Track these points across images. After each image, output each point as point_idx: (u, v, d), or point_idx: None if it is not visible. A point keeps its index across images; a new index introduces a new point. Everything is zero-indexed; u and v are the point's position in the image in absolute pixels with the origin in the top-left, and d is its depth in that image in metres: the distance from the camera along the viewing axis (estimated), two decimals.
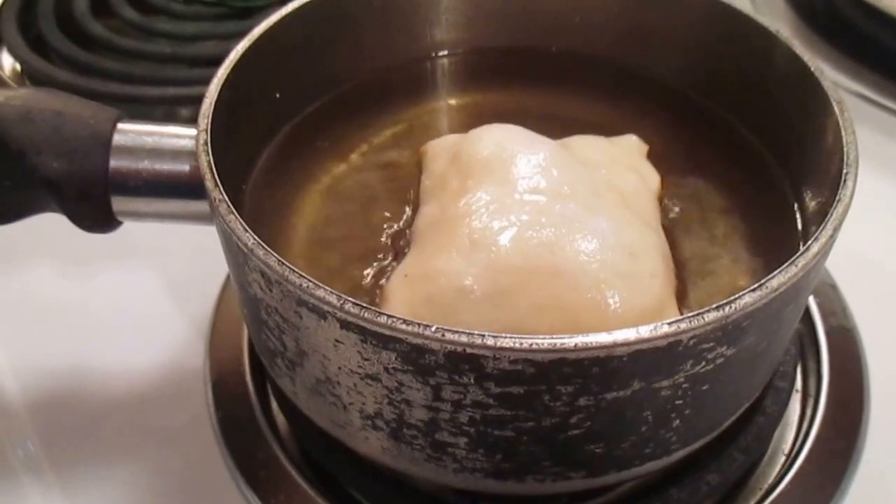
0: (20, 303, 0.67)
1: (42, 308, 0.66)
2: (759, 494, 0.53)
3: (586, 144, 0.55)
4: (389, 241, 0.51)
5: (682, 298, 0.48)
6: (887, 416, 0.58)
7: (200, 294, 0.64)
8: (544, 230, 0.45)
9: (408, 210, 0.53)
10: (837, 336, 0.61)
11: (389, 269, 0.49)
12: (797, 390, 0.58)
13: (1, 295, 0.67)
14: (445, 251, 0.46)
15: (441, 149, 0.54)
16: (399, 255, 0.50)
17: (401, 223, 0.52)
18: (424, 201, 0.51)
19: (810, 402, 0.58)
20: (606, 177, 0.51)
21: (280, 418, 0.57)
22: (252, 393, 0.58)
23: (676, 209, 0.54)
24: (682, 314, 0.47)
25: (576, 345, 0.37)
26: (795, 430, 0.57)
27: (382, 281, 0.49)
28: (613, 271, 0.45)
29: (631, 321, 0.43)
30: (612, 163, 0.53)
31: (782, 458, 0.56)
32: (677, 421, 0.43)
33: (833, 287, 0.64)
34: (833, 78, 0.50)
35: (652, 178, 0.54)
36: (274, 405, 0.57)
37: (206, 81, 0.49)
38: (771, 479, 0.54)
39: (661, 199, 0.54)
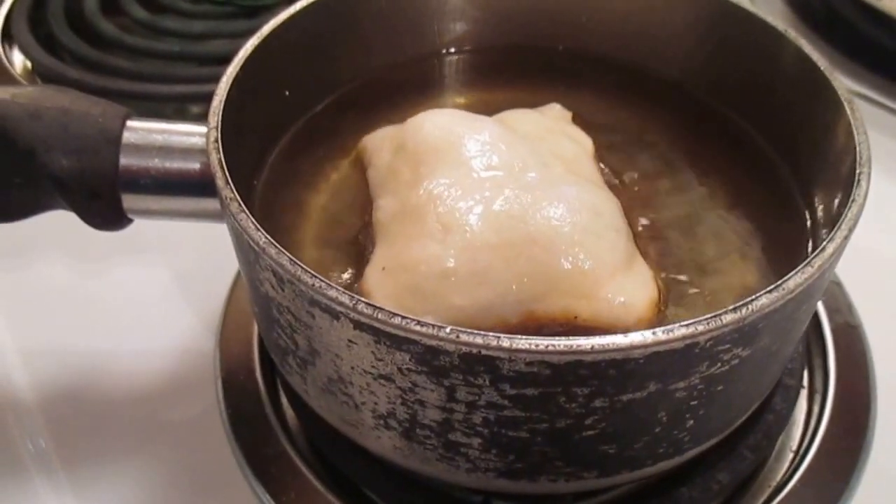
0: (31, 298, 0.67)
1: (53, 304, 0.66)
2: (767, 492, 0.54)
3: (520, 118, 0.56)
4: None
5: (687, 297, 0.49)
6: (894, 412, 0.58)
7: (211, 290, 0.64)
8: (511, 203, 0.46)
9: None
10: (843, 333, 0.61)
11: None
12: (804, 387, 0.59)
13: (13, 290, 0.67)
14: (419, 240, 0.46)
15: (380, 141, 0.54)
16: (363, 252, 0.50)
17: None
18: (377, 195, 0.51)
19: (817, 398, 0.58)
20: (548, 147, 0.52)
21: (290, 414, 0.57)
22: (262, 389, 0.58)
23: (683, 207, 0.54)
24: (661, 285, 0.48)
25: (592, 346, 0.37)
26: (802, 428, 0.57)
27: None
28: (585, 231, 0.46)
29: (607, 276, 0.45)
30: (548, 133, 0.54)
31: (790, 456, 0.56)
32: (691, 421, 0.43)
33: (839, 285, 0.64)
34: None
35: (585, 141, 0.55)
36: (284, 401, 0.57)
37: (216, 79, 0.49)
38: (779, 477, 0.54)
39: (598, 161, 0.55)
